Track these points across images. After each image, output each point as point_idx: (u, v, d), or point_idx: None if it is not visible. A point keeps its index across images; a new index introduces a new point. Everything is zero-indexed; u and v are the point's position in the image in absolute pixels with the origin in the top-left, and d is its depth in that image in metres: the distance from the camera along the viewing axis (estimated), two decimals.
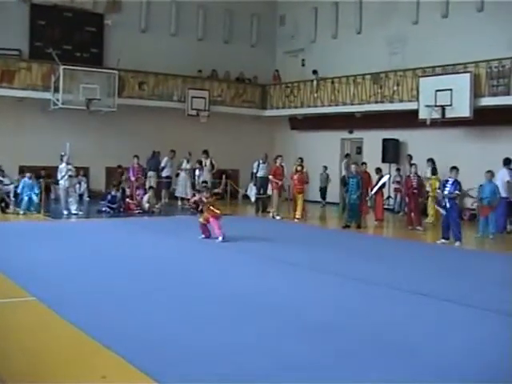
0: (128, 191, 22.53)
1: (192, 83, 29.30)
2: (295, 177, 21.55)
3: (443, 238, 16.43)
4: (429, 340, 7.48)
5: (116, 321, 7.89)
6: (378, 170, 22.12)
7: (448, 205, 16.13)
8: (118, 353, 6.57)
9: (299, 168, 21.60)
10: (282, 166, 22.29)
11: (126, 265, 11.86)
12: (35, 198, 20.65)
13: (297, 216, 21.24)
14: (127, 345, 6.89)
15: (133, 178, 23.38)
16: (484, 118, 21.59)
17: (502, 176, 18.80)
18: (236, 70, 31.59)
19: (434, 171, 21.62)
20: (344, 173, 21.27)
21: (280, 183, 22.02)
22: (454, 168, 16.39)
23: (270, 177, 22.28)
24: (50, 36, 27.32)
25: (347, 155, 27.27)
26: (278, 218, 21.48)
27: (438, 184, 18.78)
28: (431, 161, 21.88)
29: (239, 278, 11.15)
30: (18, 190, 20.73)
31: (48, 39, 27.15)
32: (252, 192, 26.47)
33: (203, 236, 15.65)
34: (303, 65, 31.86)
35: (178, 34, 30.45)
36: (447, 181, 16.45)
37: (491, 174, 17.95)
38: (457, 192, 16.13)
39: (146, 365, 6.24)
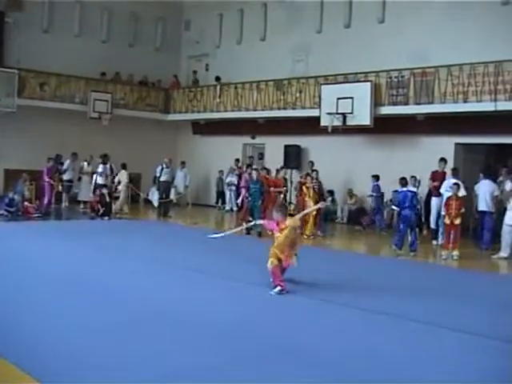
0: (27, 195, 21.94)
1: (95, 85, 28.86)
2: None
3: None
4: (316, 342, 7.60)
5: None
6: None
7: None
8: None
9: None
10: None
11: (21, 271, 11.47)
12: None
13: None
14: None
15: (49, 180, 22.99)
16: (384, 127, 22.15)
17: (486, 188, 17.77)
18: (140, 74, 31.34)
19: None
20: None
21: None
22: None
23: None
24: None
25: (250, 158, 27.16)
26: None
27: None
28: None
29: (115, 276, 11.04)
30: None
31: None
32: (155, 197, 26.32)
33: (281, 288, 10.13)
34: (207, 69, 31.95)
35: (82, 35, 29.89)
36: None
37: (405, 181, 17.05)
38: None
39: None
